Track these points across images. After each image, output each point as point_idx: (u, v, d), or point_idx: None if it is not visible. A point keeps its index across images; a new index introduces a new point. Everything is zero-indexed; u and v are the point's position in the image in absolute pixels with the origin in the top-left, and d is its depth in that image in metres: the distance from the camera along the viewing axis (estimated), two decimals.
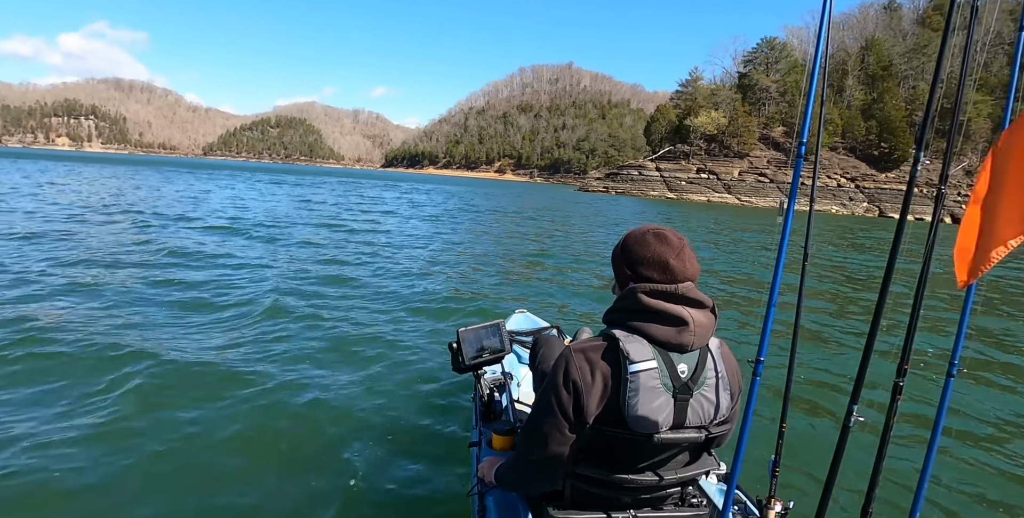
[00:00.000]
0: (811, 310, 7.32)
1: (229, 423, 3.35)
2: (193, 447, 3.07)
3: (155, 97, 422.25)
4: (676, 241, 1.53)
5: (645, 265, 1.53)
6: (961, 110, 1.64)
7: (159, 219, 13.54)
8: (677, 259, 1.51)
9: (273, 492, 2.71)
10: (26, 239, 9.25)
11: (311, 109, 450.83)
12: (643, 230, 1.58)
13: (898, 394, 1.63)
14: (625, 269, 1.57)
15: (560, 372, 1.50)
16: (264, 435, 3.25)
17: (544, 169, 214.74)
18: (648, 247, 1.53)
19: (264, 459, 3.00)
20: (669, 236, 1.54)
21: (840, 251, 16.54)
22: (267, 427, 3.35)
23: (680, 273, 1.51)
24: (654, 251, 1.52)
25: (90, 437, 3.08)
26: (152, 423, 3.30)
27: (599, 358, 1.48)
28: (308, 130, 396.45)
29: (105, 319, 5.16)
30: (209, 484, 2.75)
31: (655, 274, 1.51)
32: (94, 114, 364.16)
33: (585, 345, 1.52)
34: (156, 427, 3.26)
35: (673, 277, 1.50)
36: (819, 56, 1.68)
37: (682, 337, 1.47)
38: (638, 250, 1.54)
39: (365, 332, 5.33)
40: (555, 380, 1.51)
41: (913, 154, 1.58)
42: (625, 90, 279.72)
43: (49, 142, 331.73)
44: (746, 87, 67.83)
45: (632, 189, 64.73)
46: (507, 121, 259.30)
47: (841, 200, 55.41)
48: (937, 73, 1.50)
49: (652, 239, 1.54)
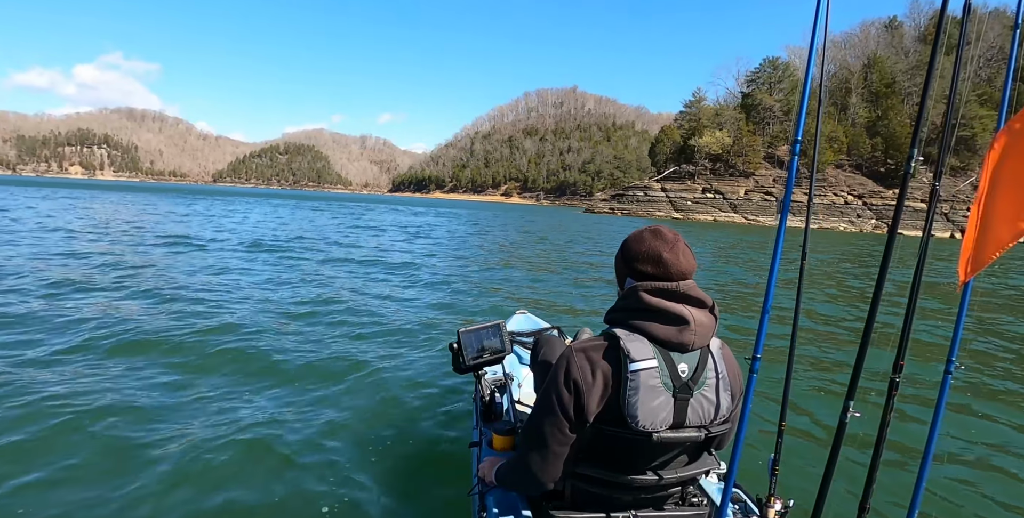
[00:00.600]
0: (811, 310, 7.30)
1: (228, 423, 3.36)
2: (192, 447, 3.07)
3: (166, 126, 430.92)
4: (670, 236, 1.56)
5: (640, 260, 1.56)
6: (955, 123, 1.67)
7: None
8: (671, 252, 1.53)
9: (273, 492, 2.71)
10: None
11: (319, 136, 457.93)
12: (640, 229, 1.62)
13: (894, 390, 1.64)
14: (623, 266, 1.61)
15: (561, 372, 1.51)
16: (264, 435, 3.26)
17: (550, 192, 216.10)
18: (643, 242, 1.57)
19: (263, 459, 3.00)
20: (663, 232, 1.57)
21: (844, 265, 16.46)
22: (267, 427, 3.35)
23: (674, 266, 1.52)
24: (648, 246, 1.55)
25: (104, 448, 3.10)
26: (151, 423, 3.31)
27: (600, 357, 1.49)
28: (316, 156, 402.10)
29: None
30: (208, 484, 2.75)
31: (649, 268, 1.54)
32: (106, 143, 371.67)
33: (586, 344, 1.54)
34: (156, 429, 3.26)
35: (667, 271, 1.52)
36: (812, 63, 1.73)
37: (683, 336, 1.48)
38: (634, 246, 1.58)
39: (365, 332, 5.38)
40: (556, 380, 1.52)
41: (915, 168, 1.62)
42: (629, 112, 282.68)
43: (62, 170, 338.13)
44: (750, 107, 68.35)
45: (638, 210, 64.87)
46: (513, 145, 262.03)
47: (849, 217, 55.25)
48: (925, 92, 1.54)
49: (647, 235, 1.58)
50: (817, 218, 54.47)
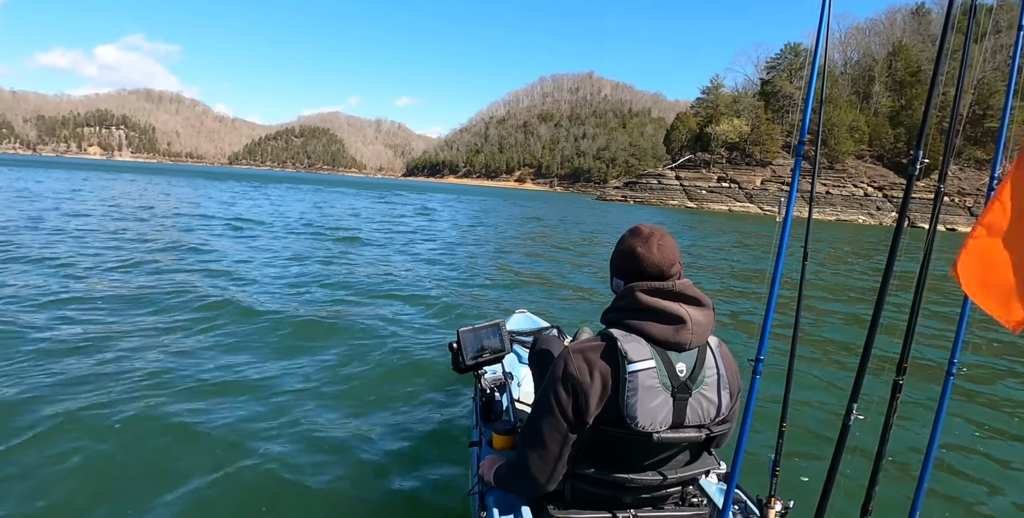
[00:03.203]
0: (812, 310, 7.24)
1: (226, 424, 3.36)
2: (191, 447, 3.08)
3: (183, 107, 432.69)
4: (646, 232, 1.61)
5: (620, 257, 1.62)
6: (958, 112, 1.63)
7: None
8: (644, 247, 1.56)
9: (272, 492, 2.72)
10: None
11: (334, 119, 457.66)
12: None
13: (898, 392, 1.63)
14: (611, 266, 1.69)
15: (559, 373, 1.52)
16: (263, 436, 3.25)
17: (564, 178, 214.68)
18: (622, 241, 1.64)
19: (263, 460, 3.00)
20: (640, 228, 1.63)
21: (852, 257, 16.26)
22: (266, 428, 3.35)
23: (646, 260, 1.55)
24: (625, 243, 1.61)
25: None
26: (146, 421, 3.33)
27: (598, 358, 1.50)
28: (331, 140, 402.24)
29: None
30: (207, 484, 2.75)
31: (627, 265, 1.59)
32: (124, 124, 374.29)
33: (584, 345, 1.54)
34: (147, 424, 3.29)
35: (642, 266, 1.56)
36: (819, 53, 1.69)
37: (680, 335, 1.48)
38: (617, 246, 1.65)
39: (365, 333, 5.38)
40: (554, 381, 1.53)
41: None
42: (646, 99, 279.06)
43: (81, 151, 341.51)
44: (769, 94, 67.15)
45: (651, 198, 64.22)
46: (527, 130, 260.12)
47: (868, 209, 54.33)
48: (930, 95, 1.50)
49: (626, 234, 1.64)
50: (835, 210, 53.64)
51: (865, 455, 1.74)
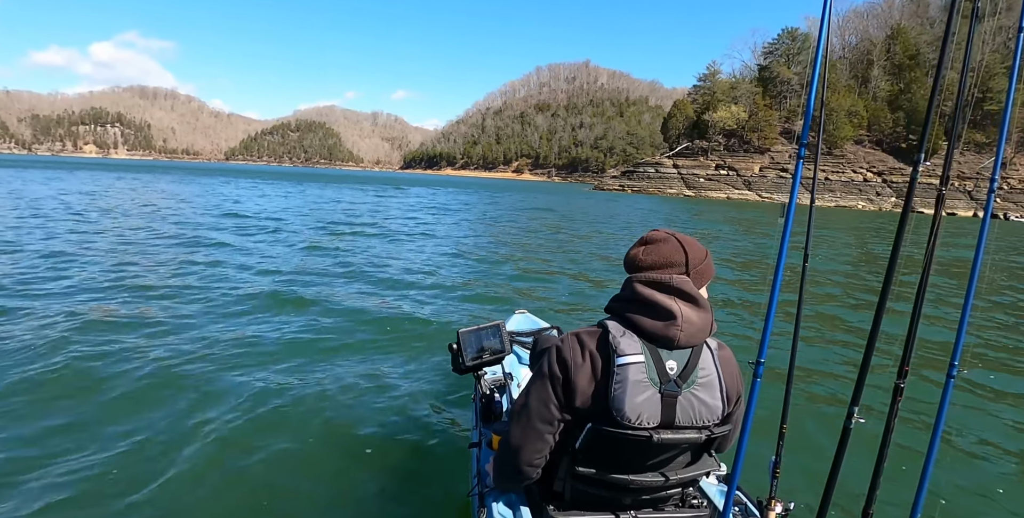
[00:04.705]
0: (813, 310, 7.22)
1: (225, 424, 3.36)
2: (190, 447, 3.08)
3: (178, 104, 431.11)
4: (648, 237, 1.65)
5: (625, 263, 1.67)
6: (958, 134, 1.61)
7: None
8: (644, 252, 1.60)
9: (271, 493, 2.72)
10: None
11: (331, 113, 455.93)
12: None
13: (899, 395, 1.62)
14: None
15: (553, 351, 1.57)
16: (262, 436, 3.24)
17: (562, 168, 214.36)
18: (629, 250, 1.68)
19: (262, 460, 3.00)
20: (645, 236, 1.66)
21: (852, 248, 16.24)
22: (265, 428, 3.34)
23: (643, 262, 1.59)
24: (631, 253, 1.65)
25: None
26: (145, 420, 3.35)
27: (592, 343, 1.53)
28: (328, 133, 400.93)
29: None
30: (206, 484, 2.76)
31: (627, 268, 1.65)
32: (119, 122, 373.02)
33: (581, 330, 1.59)
34: (151, 423, 3.31)
35: (637, 267, 1.60)
36: (822, 42, 1.66)
37: (669, 331, 1.48)
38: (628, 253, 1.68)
39: (364, 333, 5.35)
40: (548, 359, 1.57)
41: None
42: (643, 87, 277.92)
43: (77, 149, 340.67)
44: (766, 80, 66.84)
45: (649, 187, 64.09)
46: (524, 121, 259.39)
47: (868, 195, 54.23)
48: (932, 95, 1.48)
49: (636, 243, 1.67)
50: (835, 196, 53.55)
51: (867, 458, 1.74)
